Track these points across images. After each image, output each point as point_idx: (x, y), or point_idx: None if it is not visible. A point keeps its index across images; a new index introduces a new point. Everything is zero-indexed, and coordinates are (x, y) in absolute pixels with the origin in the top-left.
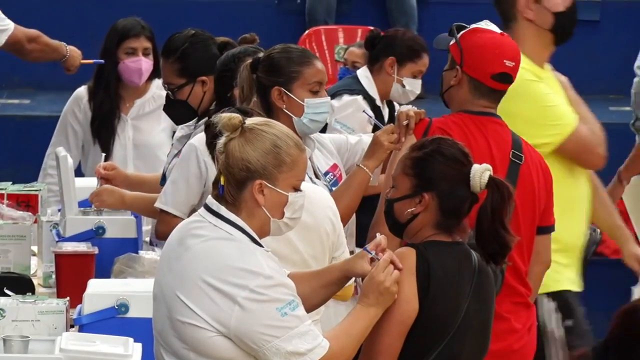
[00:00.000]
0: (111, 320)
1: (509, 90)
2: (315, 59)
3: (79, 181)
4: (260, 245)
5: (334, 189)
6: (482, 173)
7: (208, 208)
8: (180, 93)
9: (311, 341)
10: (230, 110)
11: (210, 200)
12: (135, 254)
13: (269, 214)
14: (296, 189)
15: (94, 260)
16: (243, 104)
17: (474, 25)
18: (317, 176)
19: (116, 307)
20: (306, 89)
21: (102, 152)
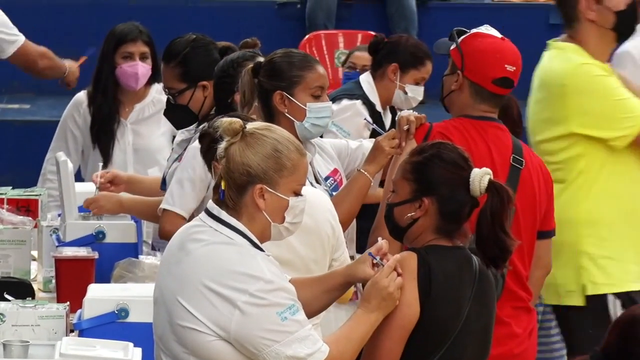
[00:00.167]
0: (111, 325)
1: (576, 88)
2: (317, 63)
3: (78, 186)
4: (261, 249)
5: (334, 194)
6: (482, 177)
7: (209, 213)
8: (181, 98)
9: (311, 346)
10: (228, 117)
11: (211, 205)
12: (135, 259)
13: (269, 219)
14: (297, 193)
15: (94, 265)
16: (244, 108)
17: (474, 30)
18: (318, 181)
19: (116, 312)
20: (308, 93)
21: (102, 157)
